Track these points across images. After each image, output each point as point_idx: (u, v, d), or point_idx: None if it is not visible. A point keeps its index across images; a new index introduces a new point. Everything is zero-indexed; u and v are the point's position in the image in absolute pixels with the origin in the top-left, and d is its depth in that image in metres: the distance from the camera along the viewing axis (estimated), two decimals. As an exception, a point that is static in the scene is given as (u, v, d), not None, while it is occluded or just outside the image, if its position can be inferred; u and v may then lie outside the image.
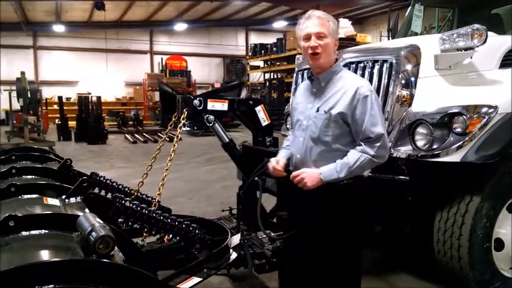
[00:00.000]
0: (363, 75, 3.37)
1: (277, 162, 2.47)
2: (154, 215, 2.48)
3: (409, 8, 5.01)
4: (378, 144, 2.21)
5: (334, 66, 2.35)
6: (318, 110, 2.31)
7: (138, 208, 2.44)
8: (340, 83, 2.31)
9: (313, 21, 2.27)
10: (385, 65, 3.23)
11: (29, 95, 11.77)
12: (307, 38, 2.27)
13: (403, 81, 3.15)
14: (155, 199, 3.02)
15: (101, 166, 9.06)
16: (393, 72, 3.17)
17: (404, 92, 3.14)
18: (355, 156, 2.21)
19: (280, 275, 2.80)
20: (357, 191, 2.33)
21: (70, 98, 22.36)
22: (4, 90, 15.56)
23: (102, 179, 3.22)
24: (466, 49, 3.12)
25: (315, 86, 2.39)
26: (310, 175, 2.24)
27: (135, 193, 3.17)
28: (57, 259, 1.47)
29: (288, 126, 2.84)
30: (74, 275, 1.41)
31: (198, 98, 3.22)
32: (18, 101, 11.66)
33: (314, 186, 2.23)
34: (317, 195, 2.28)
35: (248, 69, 24.75)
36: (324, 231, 2.33)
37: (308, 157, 2.32)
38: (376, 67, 3.28)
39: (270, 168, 2.49)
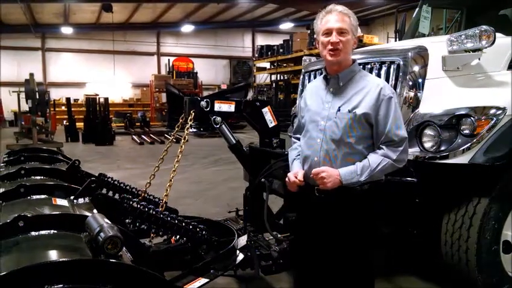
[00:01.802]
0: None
1: (295, 176, 2.31)
2: (161, 215, 2.49)
3: (417, 9, 4.99)
4: (401, 148, 2.15)
5: (353, 65, 2.26)
6: (339, 110, 2.19)
7: (146, 209, 2.46)
8: (362, 83, 2.22)
9: (334, 16, 2.17)
10: (392, 66, 3.22)
11: (38, 97, 11.86)
12: (328, 32, 2.17)
13: (410, 83, 3.14)
14: (162, 200, 3.03)
15: (108, 167, 9.09)
16: (400, 74, 3.16)
17: (412, 94, 3.14)
18: (376, 160, 2.14)
19: (294, 277, 2.76)
20: (375, 197, 2.24)
21: (78, 100, 22.47)
22: (13, 91, 15.69)
23: (110, 179, 3.24)
24: (474, 50, 3.11)
25: (332, 85, 2.27)
26: (331, 175, 2.13)
27: (143, 194, 3.18)
28: (65, 259, 1.49)
29: (292, 130, 2.70)
30: (83, 275, 1.42)
31: (205, 100, 3.23)
32: (27, 103, 11.74)
33: (333, 187, 2.13)
34: (333, 200, 2.20)
35: (254, 70, 24.77)
36: (338, 236, 2.26)
37: (330, 159, 2.20)
38: (384, 69, 3.27)
39: (290, 182, 2.33)
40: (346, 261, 2.31)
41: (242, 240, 2.93)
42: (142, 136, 15.75)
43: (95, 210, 2.23)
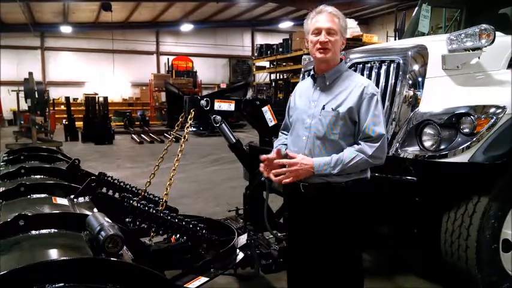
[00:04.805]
0: (369, 76, 3.37)
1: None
2: (161, 214, 2.49)
3: (416, 8, 4.99)
4: (377, 144, 2.18)
5: (340, 65, 2.33)
6: (323, 108, 2.25)
7: (146, 208, 2.46)
8: (347, 82, 2.28)
9: (324, 17, 2.25)
10: (392, 65, 3.23)
11: (37, 96, 11.87)
12: (317, 32, 2.25)
13: (410, 82, 3.15)
14: (162, 199, 3.03)
15: (108, 166, 9.10)
16: (400, 73, 3.17)
17: (412, 93, 3.14)
18: (350, 155, 2.17)
19: (288, 275, 2.77)
20: (360, 193, 2.29)
21: (77, 99, 22.46)
22: (12, 90, 15.71)
23: (109, 179, 3.23)
24: (473, 49, 3.11)
25: (319, 84, 2.34)
26: (303, 168, 2.18)
27: (143, 193, 3.18)
28: (66, 258, 1.49)
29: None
30: (83, 274, 1.42)
31: (205, 99, 3.23)
32: (26, 102, 11.76)
33: (305, 176, 2.20)
34: (318, 196, 2.25)
35: (254, 69, 24.74)
36: (325, 232, 2.30)
37: (314, 156, 2.23)
38: (383, 67, 3.28)
39: (263, 165, 2.33)
40: (333, 257, 2.34)
41: (242, 239, 2.93)
42: (142, 135, 15.73)
43: (95, 209, 2.22)
